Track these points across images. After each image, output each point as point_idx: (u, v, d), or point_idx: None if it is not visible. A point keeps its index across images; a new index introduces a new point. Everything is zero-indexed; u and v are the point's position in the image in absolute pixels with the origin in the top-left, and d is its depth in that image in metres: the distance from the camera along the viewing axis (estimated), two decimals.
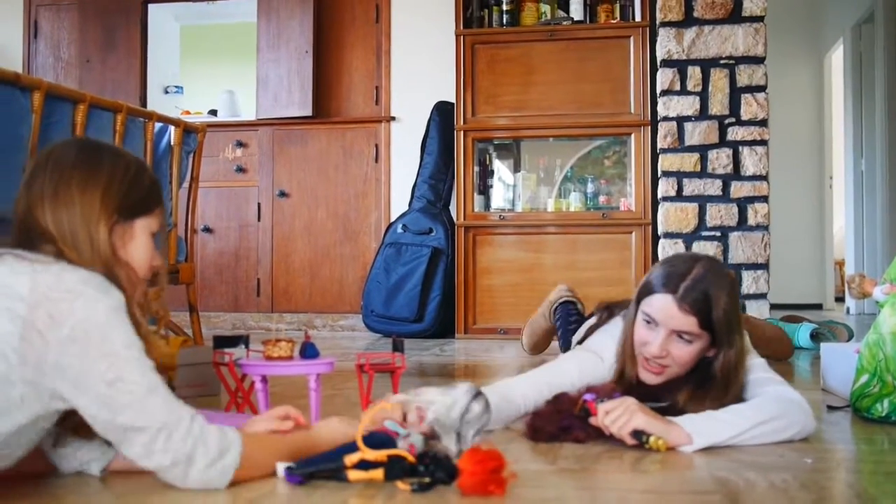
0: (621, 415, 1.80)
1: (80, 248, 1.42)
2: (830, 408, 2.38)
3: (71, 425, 1.44)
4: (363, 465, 1.45)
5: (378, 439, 1.50)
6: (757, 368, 2.04)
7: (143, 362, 1.36)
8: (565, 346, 3.42)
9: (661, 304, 1.97)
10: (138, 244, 1.52)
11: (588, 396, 1.89)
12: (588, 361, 2.14)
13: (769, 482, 1.55)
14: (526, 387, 2.07)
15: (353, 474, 1.44)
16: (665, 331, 1.97)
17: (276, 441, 1.56)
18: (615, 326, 2.17)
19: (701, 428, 1.82)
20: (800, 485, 1.53)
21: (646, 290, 2.02)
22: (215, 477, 1.39)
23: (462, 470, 1.40)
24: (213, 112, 6.38)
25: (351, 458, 1.43)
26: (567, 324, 3.53)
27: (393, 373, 2.12)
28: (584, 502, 1.46)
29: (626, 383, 2.06)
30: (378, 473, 1.43)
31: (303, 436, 1.60)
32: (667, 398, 2.02)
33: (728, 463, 1.69)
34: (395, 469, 1.42)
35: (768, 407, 1.91)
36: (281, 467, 1.47)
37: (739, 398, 1.99)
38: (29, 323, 1.29)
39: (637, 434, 1.77)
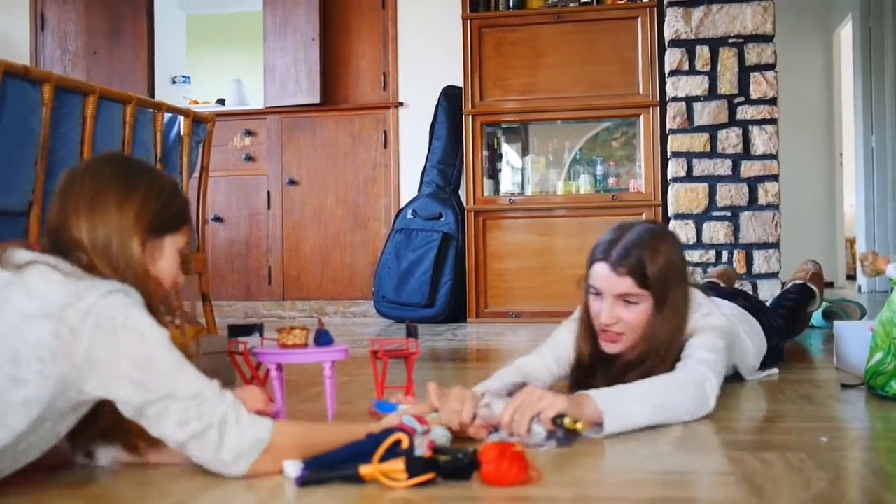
0: (528, 406, 1.71)
1: (113, 259, 1.45)
2: (844, 386, 2.37)
3: (92, 430, 1.48)
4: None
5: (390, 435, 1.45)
6: (699, 344, 2.02)
7: (168, 342, 1.40)
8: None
9: (600, 272, 2.04)
10: (166, 260, 1.55)
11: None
12: (571, 325, 2.27)
13: (785, 461, 1.55)
14: (540, 366, 2.17)
15: (370, 471, 1.40)
16: (609, 298, 2.02)
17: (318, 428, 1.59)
18: None
19: (611, 408, 1.76)
20: (816, 464, 1.53)
21: (589, 262, 2.10)
22: (249, 444, 1.41)
23: (483, 461, 1.41)
24: (221, 101, 6.39)
25: (366, 470, 1.39)
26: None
27: (407, 359, 2.13)
28: (603, 485, 1.47)
29: (584, 356, 2.13)
30: (400, 472, 1.38)
31: (356, 429, 1.56)
32: (632, 366, 2.03)
33: (744, 443, 1.70)
34: (416, 466, 1.39)
35: (668, 391, 1.87)
36: (291, 467, 1.42)
37: (672, 363, 1.99)
38: (61, 321, 1.32)
39: (555, 421, 1.69)
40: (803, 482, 1.42)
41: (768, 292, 4.41)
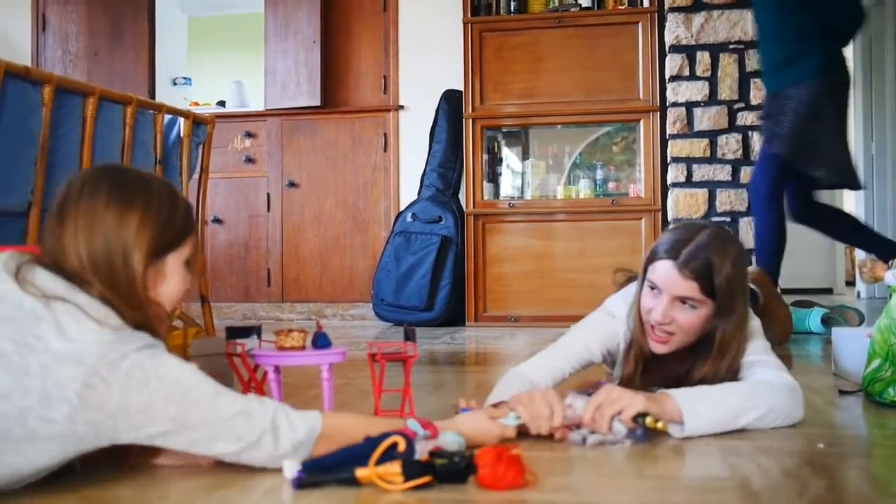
0: (608, 404, 1.75)
1: (119, 288, 1.42)
2: (842, 392, 2.37)
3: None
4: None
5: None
6: (759, 350, 2.02)
7: (199, 374, 1.41)
8: None
9: (664, 271, 1.97)
10: (170, 279, 1.52)
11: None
12: (601, 322, 2.19)
13: (782, 468, 1.56)
14: (548, 374, 2.09)
15: (366, 474, 1.40)
16: (668, 297, 1.97)
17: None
18: (629, 289, 2.19)
19: (693, 410, 1.79)
20: (812, 470, 1.53)
21: (651, 258, 2.03)
22: (304, 435, 1.45)
23: (479, 465, 1.41)
24: (222, 103, 6.39)
25: (362, 473, 1.39)
26: None
27: (405, 362, 2.13)
28: (600, 488, 1.46)
29: (640, 353, 2.07)
30: (396, 475, 1.38)
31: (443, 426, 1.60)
32: (677, 369, 2.03)
33: (741, 449, 1.69)
34: (413, 469, 1.39)
35: (758, 395, 1.87)
36: (289, 467, 1.42)
37: (735, 375, 1.98)
38: (94, 371, 1.31)
39: (636, 420, 1.74)
40: (800, 488, 1.42)
41: None
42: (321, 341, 2.02)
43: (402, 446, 1.42)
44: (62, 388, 1.30)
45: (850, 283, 7.96)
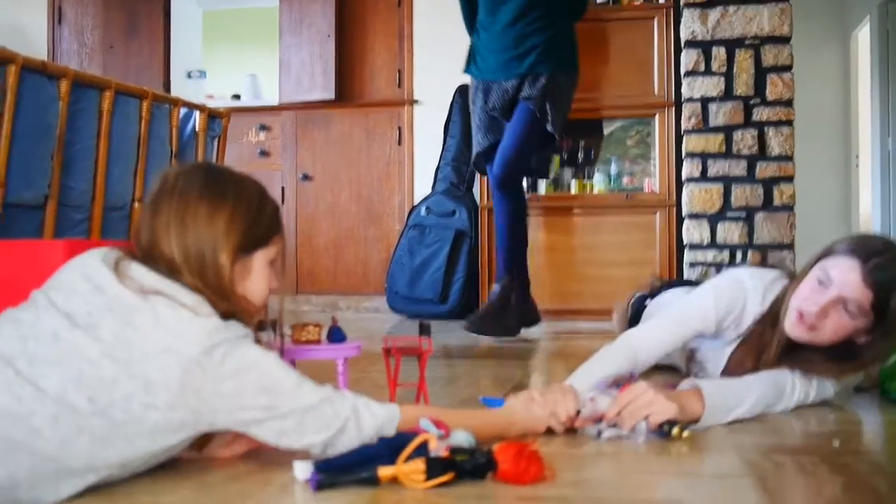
0: (639, 407, 1.74)
1: (209, 282, 1.45)
2: (857, 389, 2.37)
3: None
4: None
5: (405, 440, 1.44)
6: None
7: (282, 364, 1.44)
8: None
9: (846, 267, 1.92)
10: (255, 278, 1.54)
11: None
12: (727, 288, 2.16)
13: (798, 465, 1.55)
14: (655, 351, 2.10)
15: (390, 473, 1.39)
16: (835, 293, 1.92)
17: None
18: (758, 270, 2.20)
19: (716, 405, 1.82)
20: (829, 468, 1.52)
21: (831, 251, 1.99)
22: (385, 419, 1.48)
23: (500, 460, 1.41)
24: (237, 96, 6.41)
25: (385, 472, 1.39)
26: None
27: (420, 356, 2.13)
28: (617, 484, 1.47)
29: (773, 328, 2.05)
30: (420, 473, 1.38)
31: (494, 416, 1.65)
32: (790, 360, 2.02)
33: (757, 446, 1.69)
34: (436, 467, 1.38)
35: (765, 391, 1.93)
36: (302, 469, 1.42)
37: None
38: (191, 358, 1.35)
39: (662, 427, 1.73)
40: (816, 486, 1.42)
41: None
42: (336, 335, 2.03)
43: (433, 444, 1.42)
44: (163, 375, 1.33)
45: None
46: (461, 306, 5.17)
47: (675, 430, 1.71)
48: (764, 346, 2.07)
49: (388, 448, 1.43)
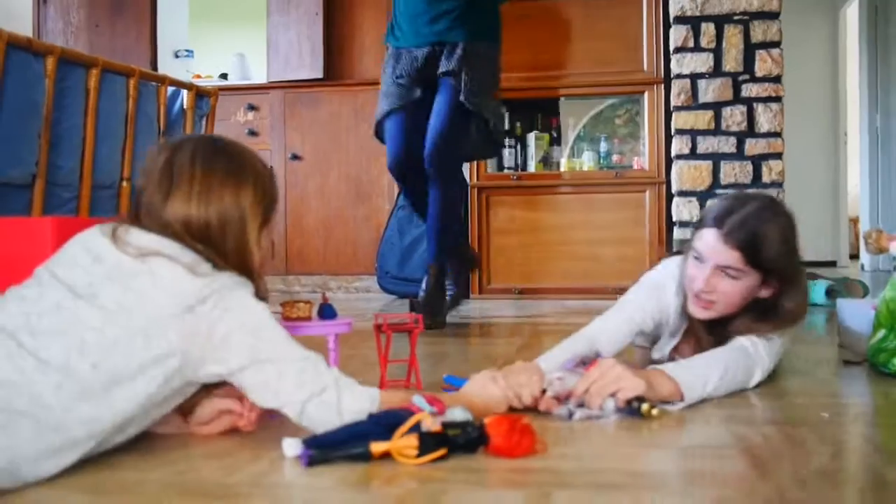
0: (607, 384, 1.73)
1: (228, 249, 1.50)
2: (846, 362, 2.38)
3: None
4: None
5: (397, 417, 1.43)
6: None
7: (273, 318, 1.49)
8: None
9: (708, 237, 1.97)
10: (259, 246, 1.59)
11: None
12: (651, 298, 2.18)
13: (786, 436, 1.56)
14: (610, 334, 2.12)
15: (382, 448, 1.38)
16: (710, 266, 1.96)
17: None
18: (672, 261, 2.22)
19: (688, 382, 1.81)
20: (817, 438, 1.53)
21: (698, 226, 2.04)
22: (367, 400, 1.48)
23: (492, 434, 1.41)
24: (224, 76, 6.37)
25: (378, 448, 1.38)
26: None
27: (410, 333, 2.14)
28: (607, 457, 1.47)
29: (693, 324, 2.09)
30: (412, 448, 1.38)
31: (447, 399, 1.61)
32: (723, 334, 2.03)
33: (744, 418, 1.70)
34: (429, 442, 1.39)
35: (733, 360, 1.93)
36: (290, 446, 1.42)
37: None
38: (187, 308, 1.39)
39: (631, 403, 1.71)
40: (805, 456, 1.43)
41: None
42: (327, 312, 2.03)
43: (428, 422, 1.42)
44: (161, 328, 1.37)
45: (855, 255, 7.97)
46: None
47: (645, 407, 1.69)
48: (696, 334, 2.12)
49: (379, 425, 1.43)
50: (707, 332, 2.07)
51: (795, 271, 2.01)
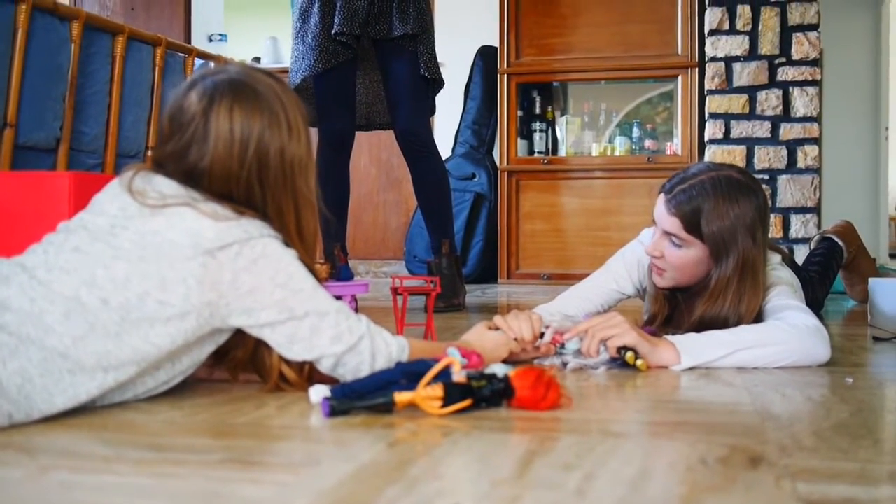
0: (603, 328, 1.74)
1: (267, 200, 1.46)
2: (876, 339, 2.32)
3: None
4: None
5: (426, 366, 1.39)
6: (778, 295, 1.95)
7: (302, 266, 1.43)
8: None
9: (659, 203, 2.00)
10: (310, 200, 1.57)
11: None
12: (630, 250, 2.28)
13: (807, 396, 1.52)
14: (578, 306, 2.20)
15: (407, 398, 1.34)
16: (659, 231, 1.99)
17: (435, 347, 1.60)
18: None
19: (689, 347, 1.76)
20: (839, 399, 1.49)
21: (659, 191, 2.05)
22: (398, 350, 1.47)
23: (517, 387, 1.38)
24: (257, 59, 6.39)
25: (402, 397, 1.34)
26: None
27: (427, 295, 2.11)
28: (622, 411, 1.44)
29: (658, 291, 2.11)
30: (437, 399, 1.34)
31: (444, 347, 1.59)
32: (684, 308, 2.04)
33: (765, 381, 1.66)
34: (455, 392, 1.35)
35: (768, 332, 1.80)
36: (316, 393, 1.39)
37: (755, 320, 1.92)
38: (210, 254, 1.35)
39: (620, 351, 1.73)
40: (824, 413, 1.38)
41: (805, 257, 4.32)
42: (344, 273, 2.02)
43: (456, 368, 1.39)
44: (178, 272, 1.34)
45: (894, 255, 7.81)
46: (480, 270, 5.14)
47: (629, 355, 1.71)
48: (662, 303, 2.13)
49: (404, 374, 1.40)
50: (687, 310, 2.02)
51: (730, 249, 1.91)
